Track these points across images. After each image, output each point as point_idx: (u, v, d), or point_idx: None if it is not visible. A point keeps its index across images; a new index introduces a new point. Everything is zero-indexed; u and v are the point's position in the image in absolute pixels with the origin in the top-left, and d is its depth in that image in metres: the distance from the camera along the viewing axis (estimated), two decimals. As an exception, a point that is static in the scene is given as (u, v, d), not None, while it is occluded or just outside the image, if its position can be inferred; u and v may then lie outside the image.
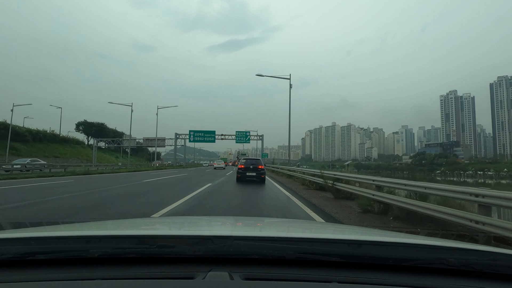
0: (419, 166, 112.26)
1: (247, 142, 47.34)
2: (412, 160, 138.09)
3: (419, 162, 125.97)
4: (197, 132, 45.37)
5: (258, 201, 7.69)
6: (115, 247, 0.96)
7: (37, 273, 0.86)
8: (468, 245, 1.06)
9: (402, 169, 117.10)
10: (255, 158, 16.04)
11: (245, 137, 46.66)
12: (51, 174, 18.92)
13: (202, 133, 45.43)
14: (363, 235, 1.40)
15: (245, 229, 1.57)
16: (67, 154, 46.33)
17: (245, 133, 46.88)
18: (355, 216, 5.74)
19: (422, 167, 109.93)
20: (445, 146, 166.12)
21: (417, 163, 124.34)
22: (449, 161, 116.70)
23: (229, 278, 0.80)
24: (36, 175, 17.25)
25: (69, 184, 11.88)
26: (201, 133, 45.35)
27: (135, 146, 51.93)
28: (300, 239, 1.07)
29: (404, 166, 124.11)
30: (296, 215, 5.97)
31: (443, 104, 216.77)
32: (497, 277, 0.89)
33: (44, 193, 8.46)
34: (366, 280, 0.84)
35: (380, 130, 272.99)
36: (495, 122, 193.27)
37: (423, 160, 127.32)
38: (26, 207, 6.00)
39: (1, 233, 1.14)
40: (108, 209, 6.02)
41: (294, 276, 0.85)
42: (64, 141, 50.75)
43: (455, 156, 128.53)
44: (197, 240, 0.98)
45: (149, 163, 55.86)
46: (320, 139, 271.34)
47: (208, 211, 6.00)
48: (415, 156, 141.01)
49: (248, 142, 47.17)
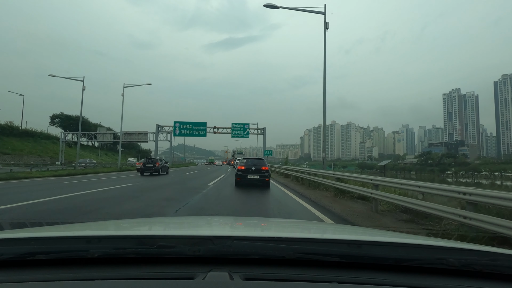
0: (428, 167, 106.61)
1: (245, 137, 38.67)
2: (417, 160, 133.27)
3: (425, 162, 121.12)
4: (183, 123, 36.88)
5: None
6: (115, 247, 0.95)
7: (37, 273, 0.85)
8: (468, 245, 1.05)
9: (409, 169, 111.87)
10: (257, 158, 13.56)
11: (243, 131, 38.09)
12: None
13: (189, 125, 36.87)
14: (363, 235, 1.37)
15: (245, 229, 1.56)
16: (25, 150, 37.98)
17: (243, 126, 38.26)
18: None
19: (430, 167, 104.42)
20: (449, 146, 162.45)
21: (422, 163, 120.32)
22: (457, 161, 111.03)
23: (229, 278, 0.79)
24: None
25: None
26: (188, 125, 36.79)
27: (111, 141, 43.47)
28: (300, 239, 1.06)
29: (410, 166, 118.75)
30: None
31: (446, 102, 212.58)
32: (497, 277, 0.88)
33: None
34: (366, 280, 0.84)
35: (380, 129, 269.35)
36: (499, 121, 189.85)
37: (429, 160, 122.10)
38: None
39: (1, 233, 1.12)
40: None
41: (294, 276, 0.85)
42: (26, 135, 42.34)
43: (465, 156, 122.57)
44: (197, 240, 0.97)
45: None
46: (320, 138, 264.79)
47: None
48: (420, 155, 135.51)
49: (247, 136, 38.53)
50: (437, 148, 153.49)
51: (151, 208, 6.53)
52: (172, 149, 50.19)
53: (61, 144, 40.49)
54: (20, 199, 7.06)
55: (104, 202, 7.16)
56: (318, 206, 7.17)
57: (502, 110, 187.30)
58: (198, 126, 37.10)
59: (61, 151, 39.68)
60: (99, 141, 44.03)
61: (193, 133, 36.69)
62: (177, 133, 36.39)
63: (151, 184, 12.86)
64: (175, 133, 36.51)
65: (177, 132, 36.37)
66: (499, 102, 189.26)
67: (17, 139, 39.70)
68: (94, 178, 16.06)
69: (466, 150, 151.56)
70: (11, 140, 38.18)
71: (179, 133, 36.45)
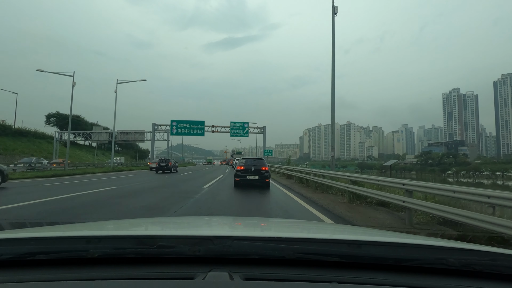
0: (429, 166, 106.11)
1: (245, 136, 37.58)
2: (417, 159, 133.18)
3: (425, 161, 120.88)
4: (180, 122, 35.79)
5: None
6: (115, 247, 0.95)
7: (37, 273, 0.85)
8: (468, 245, 1.05)
9: (409, 169, 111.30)
10: (257, 157, 13.20)
11: (242, 130, 37.03)
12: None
13: (187, 123, 35.76)
14: (363, 235, 1.37)
15: (245, 229, 1.56)
16: (17, 150, 36.91)
17: (242, 124, 37.15)
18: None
19: (431, 167, 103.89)
20: (449, 145, 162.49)
21: (423, 162, 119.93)
22: (458, 161, 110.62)
23: (229, 278, 0.80)
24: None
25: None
26: (185, 124, 35.68)
27: (107, 140, 42.44)
28: (300, 239, 1.06)
29: (411, 165, 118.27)
30: None
31: (446, 102, 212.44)
32: (497, 277, 0.89)
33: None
34: (366, 280, 0.85)
35: (379, 129, 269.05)
36: (498, 121, 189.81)
37: (429, 160, 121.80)
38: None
39: (1, 233, 1.12)
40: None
41: (294, 276, 0.85)
42: (19, 134, 41.26)
43: (465, 156, 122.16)
44: (197, 240, 0.97)
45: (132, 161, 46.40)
46: (319, 138, 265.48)
47: None
48: (420, 155, 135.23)
49: (246, 135, 37.45)
50: (437, 147, 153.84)
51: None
52: (170, 149, 49.19)
53: (55, 143, 39.49)
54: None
55: (65, 213, 5.80)
56: (334, 215, 6.13)
57: (502, 109, 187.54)
58: (195, 125, 36.04)
59: (55, 150, 38.69)
60: (94, 141, 42.90)
61: (190, 132, 35.60)
62: (174, 132, 35.34)
63: (137, 187, 11.49)
64: (172, 132, 35.49)
65: (174, 131, 35.33)
66: (499, 102, 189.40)
67: (10, 138, 38.62)
68: (80, 180, 14.86)
69: (466, 149, 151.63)
70: (3, 139, 37.11)
71: (176, 132, 35.41)
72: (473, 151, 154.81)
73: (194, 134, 35.79)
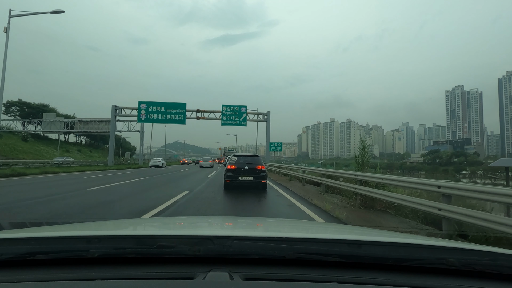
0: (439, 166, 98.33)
1: (242, 125, 27.72)
2: (424, 158, 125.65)
3: (433, 160, 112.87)
4: (152, 104, 26.04)
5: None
6: (115, 247, 0.95)
7: (37, 273, 0.85)
8: (468, 245, 1.05)
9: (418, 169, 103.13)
10: (251, 154, 10.53)
11: (238, 116, 27.20)
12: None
13: (161, 106, 26.05)
14: (363, 235, 1.36)
15: (245, 229, 1.54)
16: None
17: (238, 109, 27.38)
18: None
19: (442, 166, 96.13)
20: (455, 144, 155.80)
21: (430, 161, 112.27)
22: (469, 160, 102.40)
23: (229, 278, 0.80)
24: None
25: None
26: (159, 107, 25.96)
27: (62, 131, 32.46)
28: (300, 239, 1.06)
29: (418, 165, 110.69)
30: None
31: (449, 100, 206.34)
32: (497, 277, 0.89)
33: None
34: (366, 280, 0.85)
35: (379, 128, 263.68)
36: (503, 119, 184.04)
37: (437, 159, 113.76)
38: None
39: (1, 233, 1.12)
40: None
41: (294, 276, 0.85)
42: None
43: (476, 155, 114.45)
44: (197, 240, 0.97)
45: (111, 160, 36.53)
46: (318, 136, 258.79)
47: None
48: (427, 154, 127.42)
49: (244, 124, 27.66)
50: (442, 146, 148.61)
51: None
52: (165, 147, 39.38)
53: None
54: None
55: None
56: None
57: (506, 107, 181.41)
58: (173, 108, 26.21)
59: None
60: (44, 131, 33.03)
61: (166, 119, 26.03)
62: (143, 118, 25.62)
63: (84, 200, 6.83)
64: (140, 118, 25.70)
65: (143, 116, 25.61)
66: (503, 99, 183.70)
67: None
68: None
69: (472, 148, 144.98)
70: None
71: (146, 118, 25.71)
72: (480, 150, 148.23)
73: (171, 122, 26.19)
